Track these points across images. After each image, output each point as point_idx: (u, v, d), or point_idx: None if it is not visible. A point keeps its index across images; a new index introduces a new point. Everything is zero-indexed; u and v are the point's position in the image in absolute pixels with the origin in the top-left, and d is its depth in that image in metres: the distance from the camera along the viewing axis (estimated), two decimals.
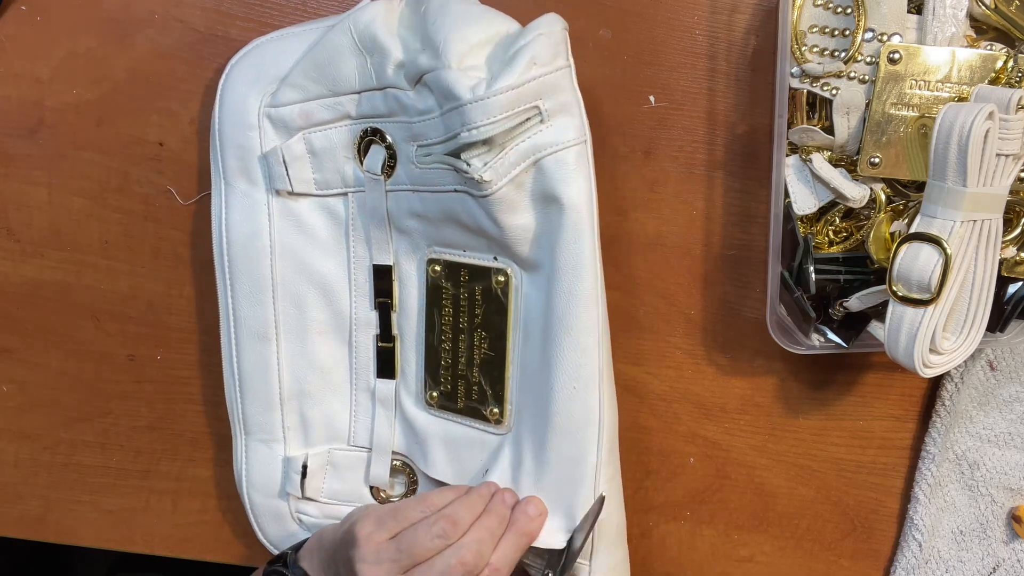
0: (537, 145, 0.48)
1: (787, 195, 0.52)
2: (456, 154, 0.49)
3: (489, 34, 0.49)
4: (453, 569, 0.47)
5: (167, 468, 0.65)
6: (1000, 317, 0.53)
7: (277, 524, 0.61)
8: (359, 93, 0.52)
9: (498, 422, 0.55)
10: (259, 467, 0.59)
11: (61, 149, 0.59)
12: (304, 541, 0.55)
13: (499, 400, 0.55)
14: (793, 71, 0.50)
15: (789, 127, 0.51)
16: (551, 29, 0.48)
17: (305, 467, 0.59)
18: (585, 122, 0.49)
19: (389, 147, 0.53)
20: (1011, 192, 0.48)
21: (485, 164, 0.48)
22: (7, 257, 0.62)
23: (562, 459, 0.51)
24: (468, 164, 0.48)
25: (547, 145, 0.48)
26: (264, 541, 0.62)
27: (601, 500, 0.51)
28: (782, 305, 0.54)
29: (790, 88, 0.50)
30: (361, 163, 0.54)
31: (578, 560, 0.51)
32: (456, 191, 0.50)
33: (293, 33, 0.54)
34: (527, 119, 0.48)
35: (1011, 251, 0.52)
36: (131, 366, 0.63)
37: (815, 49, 0.50)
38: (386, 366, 0.58)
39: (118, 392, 0.64)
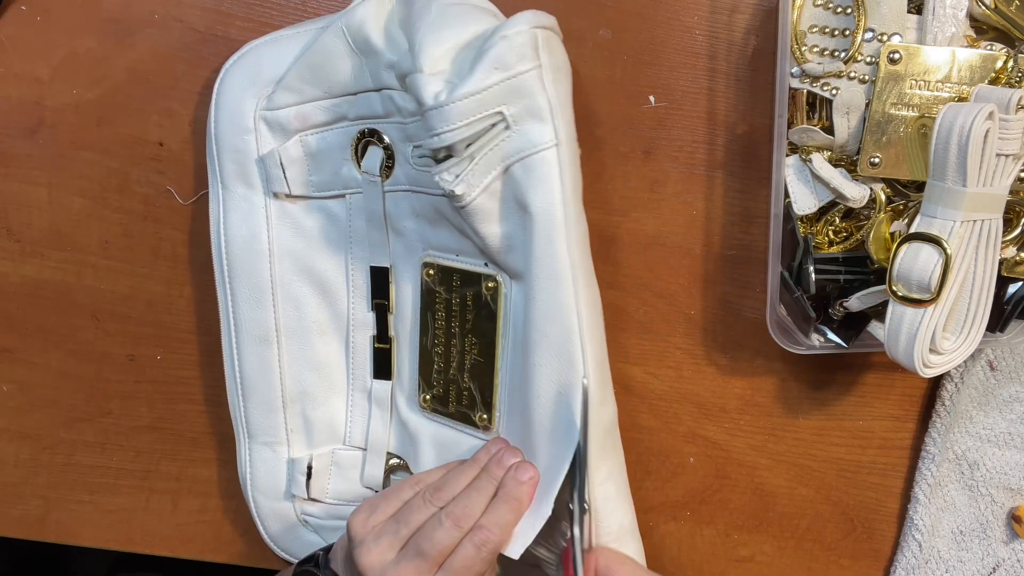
0: (505, 153, 0.47)
1: (787, 195, 0.52)
2: (436, 158, 0.48)
3: (466, 36, 0.47)
4: (445, 528, 0.47)
5: (167, 468, 0.65)
6: (1000, 317, 0.53)
7: (283, 526, 0.61)
8: (355, 94, 0.52)
9: (486, 428, 0.55)
10: (263, 470, 0.59)
11: (61, 149, 0.59)
12: (335, 543, 0.55)
13: (488, 406, 0.55)
14: (793, 71, 0.50)
15: (789, 127, 0.51)
16: (516, 30, 0.46)
17: (310, 468, 0.59)
18: (558, 125, 0.47)
19: (387, 148, 0.53)
20: (1011, 192, 0.48)
21: (456, 177, 0.47)
22: (7, 257, 0.62)
23: (545, 468, 0.50)
24: (440, 177, 0.47)
25: (515, 152, 0.47)
26: (270, 543, 0.62)
27: (585, 392, 0.49)
28: (782, 305, 0.54)
29: (790, 88, 0.50)
30: (359, 164, 0.54)
31: (583, 549, 0.50)
32: (444, 195, 0.50)
33: (287, 35, 0.54)
34: (492, 125, 0.47)
35: (1011, 251, 0.52)
36: (131, 366, 0.63)
37: (815, 49, 0.50)
38: (383, 367, 0.58)
39: (118, 392, 0.64)
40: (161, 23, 0.57)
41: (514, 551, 0.47)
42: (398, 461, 0.59)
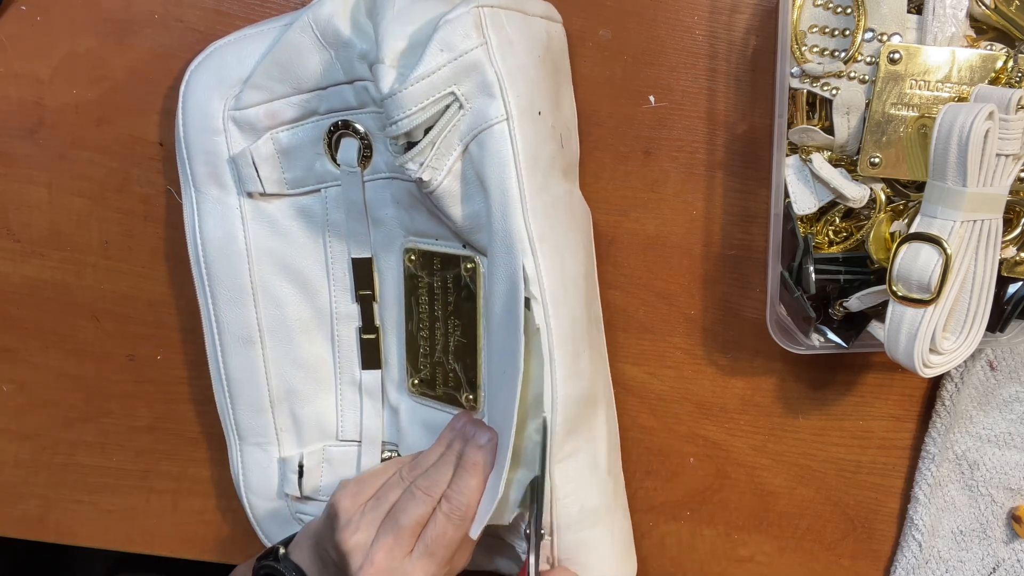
0: (462, 132, 0.48)
1: (787, 195, 0.52)
2: (402, 148, 0.49)
3: (424, 26, 0.48)
4: (417, 500, 0.49)
5: (167, 468, 0.65)
6: (1000, 317, 0.53)
7: (279, 526, 0.61)
8: (325, 89, 0.52)
9: (473, 408, 0.55)
10: (256, 471, 0.60)
11: (61, 149, 0.59)
12: (293, 535, 0.55)
13: (473, 386, 0.55)
14: (793, 71, 0.50)
15: (789, 127, 0.51)
16: (457, 13, 0.46)
17: (301, 466, 0.59)
18: (508, 98, 0.47)
19: (363, 137, 0.53)
20: (1011, 192, 0.48)
21: (421, 164, 0.48)
22: (7, 257, 0.62)
23: (499, 438, 0.50)
24: (406, 166, 0.48)
25: (469, 130, 0.47)
26: (267, 544, 0.62)
27: (533, 482, 0.50)
28: (782, 305, 0.54)
29: (790, 88, 0.50)
30: (333, 158, 0.54)
31: (544, 535, 0.51)
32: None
33: (250, 34, 0.54)
34: (447, 107, 0.47)
35: (1011, 251, 0.52)
36: (131, 366, 0.63)
37: (815, 49, 0.50)
38: (370, 357, 0.58)
39: (118, 392, 0.64)
40: (161, 23, 0.57)
41: (474, 532, 0.48)
42: (392, 450, 0.59)
